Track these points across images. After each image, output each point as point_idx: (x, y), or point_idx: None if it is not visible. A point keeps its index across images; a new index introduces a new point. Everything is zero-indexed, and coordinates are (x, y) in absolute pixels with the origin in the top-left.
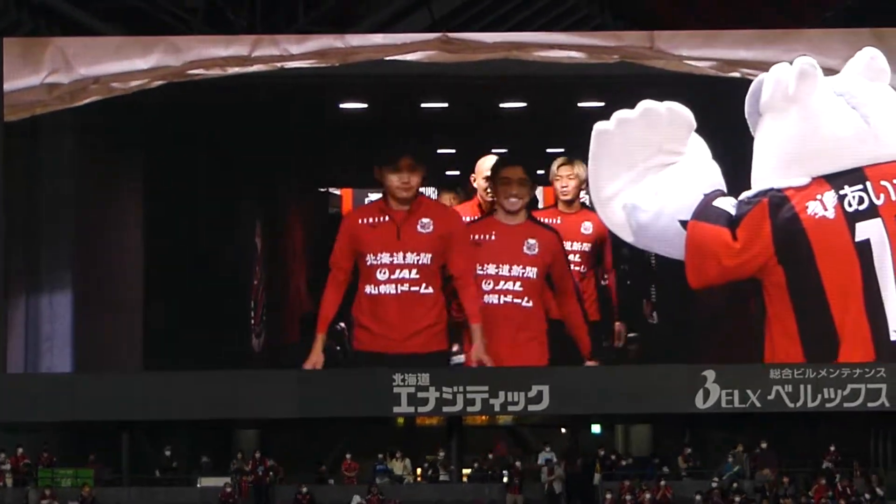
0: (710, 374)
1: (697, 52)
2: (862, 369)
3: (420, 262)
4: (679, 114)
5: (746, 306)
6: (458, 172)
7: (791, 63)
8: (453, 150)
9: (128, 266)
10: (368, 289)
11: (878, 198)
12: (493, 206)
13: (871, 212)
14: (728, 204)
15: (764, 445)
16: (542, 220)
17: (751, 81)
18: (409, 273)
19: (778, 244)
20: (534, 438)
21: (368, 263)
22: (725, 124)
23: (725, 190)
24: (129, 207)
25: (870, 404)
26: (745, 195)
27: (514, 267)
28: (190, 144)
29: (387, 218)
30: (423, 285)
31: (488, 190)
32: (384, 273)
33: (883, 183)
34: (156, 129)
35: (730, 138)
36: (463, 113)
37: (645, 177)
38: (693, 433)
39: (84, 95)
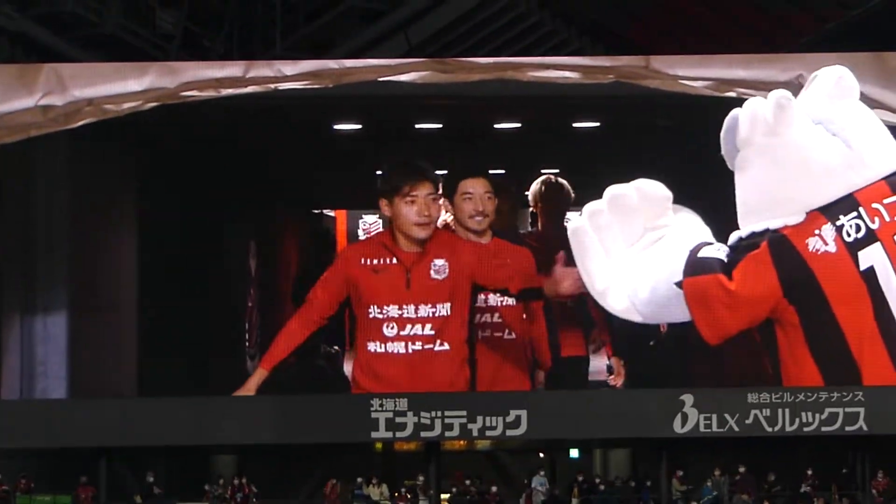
0: (688, 399)
1: (693, 71)
2: (840, 393)
3: (437, 315)
4: (650, 190)
5: (752, 336)
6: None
7: (766, 97)
8: (446, 171)
9: (122, 288)
10: (372, 346)
11: (872, 222)
12: (449, 226)
13: (870, 237)
14: (715, 250)
15: (742, 470)
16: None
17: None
18: (423, 329)
19: (786, 287)
20: (512, 463)
21: (371, 316)
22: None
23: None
24: (124, 228)
25: (848, 428)
26: (735, 238)
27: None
28: (184, 166)
29: (394, 260)
30: (439, 342)
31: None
32: (392, 328)
33: (874, 206)
34: (150, 152)
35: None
36: (457, 133)
37: (636, 258)
38: (671, 457)
39: (78, 117)
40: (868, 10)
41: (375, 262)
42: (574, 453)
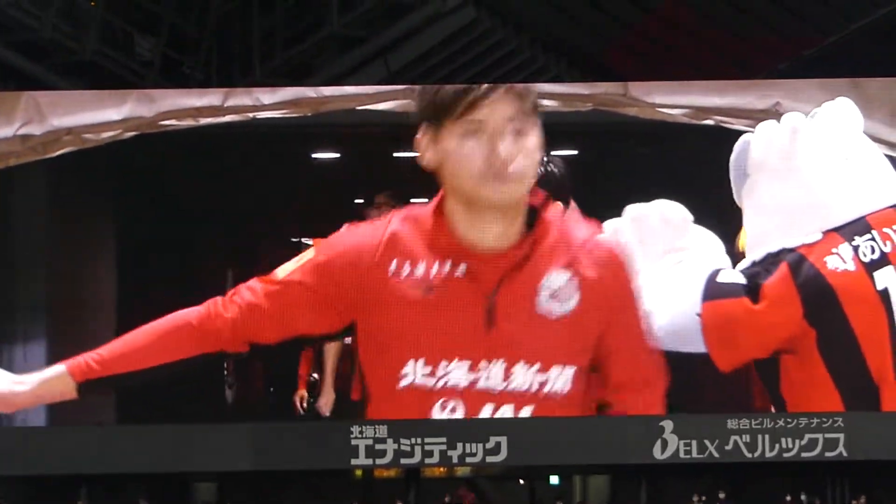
0: (667, 425)
1: (670, 99)
2: (819, 419)
3: None
4: (670, 213)
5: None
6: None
7: (779, 121)
8: (426, 200)
9: (100, 317)
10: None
11: (885, 245)
12: None
13: (884, 260)
14: (733, 276)
15: (722, 496)
16: None
17: (725, 129)
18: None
19: (807, 305)
20: (492, 489)
21: None
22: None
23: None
24: (102, 257)
25: (827, 454)
26: (749, 262)
27: None
28: (162, 195)
29: None
30: None
31: None
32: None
33: (885, 230)
34: (128, 180)
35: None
36: None
37: (655, 282)
38: (650, 483)
39: (57, 146)
40: (846, 36)
41: None
42: (554, 479)
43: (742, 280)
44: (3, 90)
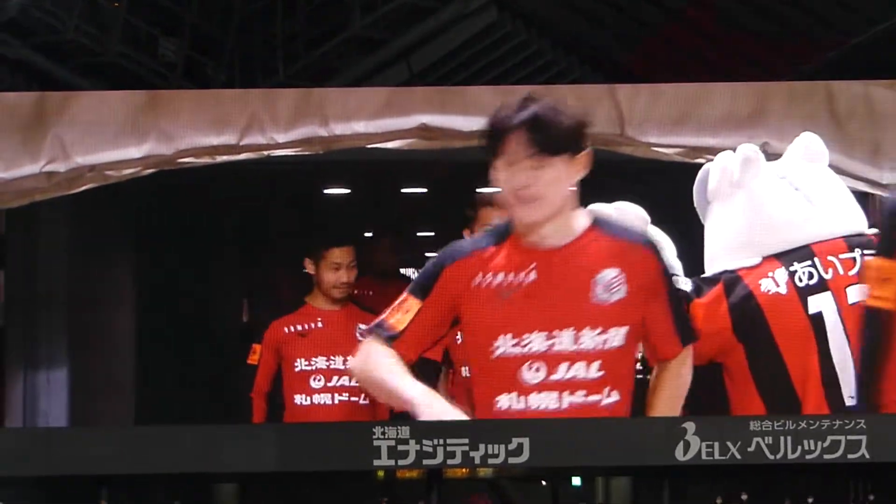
0: (690, 426)
1: (665, 139)
2: (842, 421)
3: None
4: (630, 211)
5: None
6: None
7: (734, 151)
8: (433, 233)
9: (121, 344)
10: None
11: (826, 272)
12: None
13: (821, 286)
14: (682, 283)
15: (744, 497)
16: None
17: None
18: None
19: (735, 321)
20: (514, 491)
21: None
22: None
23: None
24: (122, 287)
25: (850, 456)
26: (698, 279)
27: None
28: (180, 229)
29: None
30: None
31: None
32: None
33: (829, 258)
34: (148, 214)
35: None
36: (441, 197)
37: None
38: (672, 485)
39: (80, 183)
40: (868, 38)
41: None
42: (576, 481)
43: (687, 289)
44: (26, 91)
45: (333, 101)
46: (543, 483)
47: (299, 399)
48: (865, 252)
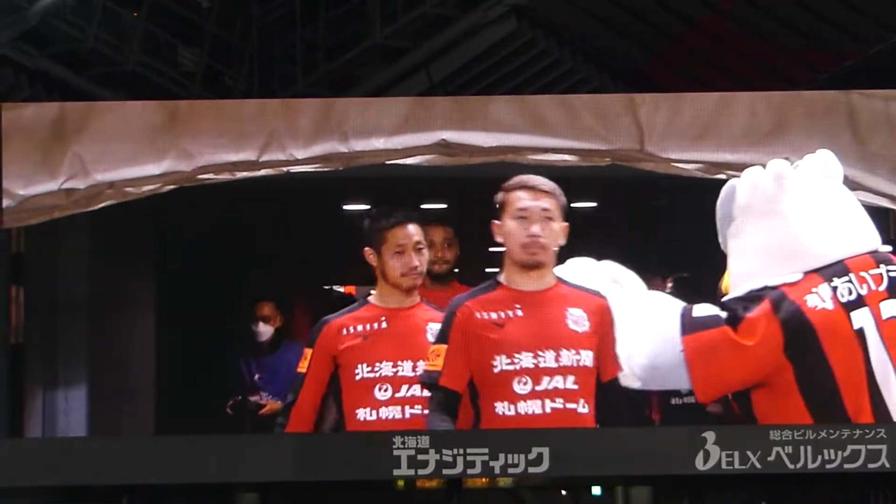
0: (710, 436)
1: (685, 154)
2: (862, 430)
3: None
4: (582, 265)
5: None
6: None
7: (765, 167)
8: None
9: (141, 360)
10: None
11: (861, 287)
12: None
13: (860, 301)
14: (708, 309)
15: None
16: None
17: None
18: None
19: (787, 338)
20: (534, 500)
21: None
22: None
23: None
24: (142, 304)
25: (870, 465)
26: (731, 297)
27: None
28: (200, 246)
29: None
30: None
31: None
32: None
33: (862, 274)
34: (168, 231)
35: None
36: (461, 212)
37: (625, 321)
38: (692, 494)
39: (99, 199)
40: (889, 47)
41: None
42: (596, 490)
43: (719, 312)
44: (46, 101)
45: (353, 115)
46: (563, 493)
47: (363, 414)
48: (890, 269)
